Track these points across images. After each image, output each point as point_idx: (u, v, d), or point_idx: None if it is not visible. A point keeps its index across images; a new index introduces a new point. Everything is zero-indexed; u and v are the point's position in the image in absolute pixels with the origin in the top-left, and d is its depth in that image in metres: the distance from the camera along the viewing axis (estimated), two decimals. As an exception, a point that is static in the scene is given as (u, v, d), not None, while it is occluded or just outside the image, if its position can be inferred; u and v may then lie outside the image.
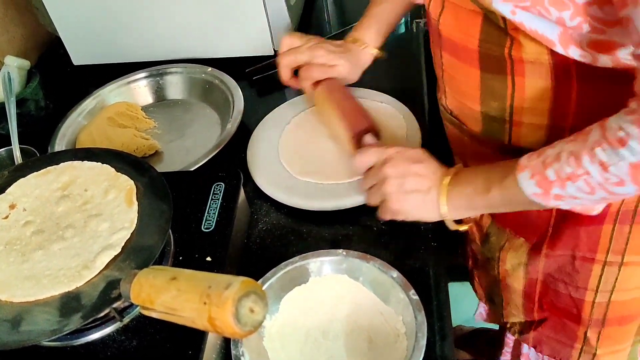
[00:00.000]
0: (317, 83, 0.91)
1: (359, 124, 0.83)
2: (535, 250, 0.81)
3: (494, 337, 1.43)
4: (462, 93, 0.74)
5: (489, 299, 0.98)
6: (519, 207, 0.68)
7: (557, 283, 0.81)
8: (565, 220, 0.75)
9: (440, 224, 0.80)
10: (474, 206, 0.70)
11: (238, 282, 0.47)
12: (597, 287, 0.79)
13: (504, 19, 0.60)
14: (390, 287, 0.70)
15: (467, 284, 1.66)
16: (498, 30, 0.63)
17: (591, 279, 0.78)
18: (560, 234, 0.76)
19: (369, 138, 0.81)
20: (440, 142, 0.90)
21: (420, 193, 0.71)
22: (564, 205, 0.63)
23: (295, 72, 0.94)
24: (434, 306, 0.72)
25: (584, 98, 0.63)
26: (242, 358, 0.64)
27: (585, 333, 0.84)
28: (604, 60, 0.58)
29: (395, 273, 0.70)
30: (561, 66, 0.62)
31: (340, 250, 0.73)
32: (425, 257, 0.77)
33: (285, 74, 0.94)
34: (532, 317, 0.89)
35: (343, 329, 0.71)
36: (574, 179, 0.58)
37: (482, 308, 1.06)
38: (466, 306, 1.66)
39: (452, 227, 0.74)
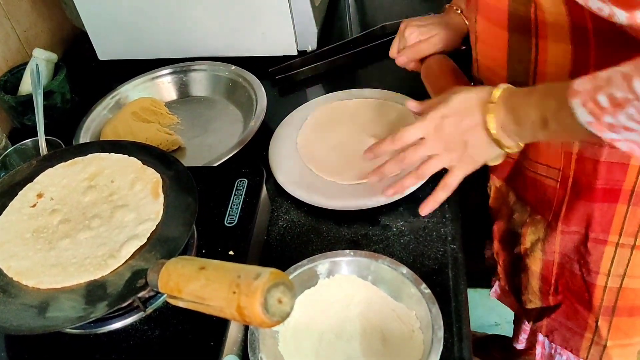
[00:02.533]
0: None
1: None
2: (551, 227, 0.82)
3: (507, 343, 1.42)
4: (491, 58, 0.75)
5: (508, 281, 0.99)
6: (579, 137, 0.66)
7: (572, 263, 0.82)
8: (579, 196, 0.75)
9: (458, 231, 0.81)
10: (535, 137, 0.66)
11: (267, 273, 0.48)
12: (609, 270, 0.79)
13: None
14: (400, 283, 0.70)
15: (482, 291, 1.66)
16: None
17: (603, 261, 0.79)
18: (575, 210, 0.77)
19: None
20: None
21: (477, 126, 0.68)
22: (620, 141, 0.56)
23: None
24: (452, 307, 0.72)
25: (602, 65, 0.60)
26: None
27: (596, 322, 0.85)
28: (620, 17, 0.53)
29: (404, 269, 0.70)
30: (579, 30, 0.62)
31: (347, 251, 0.74)
32: (444, 258, 0.77)
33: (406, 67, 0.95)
34: (548, 301, 0.89)
35: (356, 328, 0.71)
36: (625, 104, 0.52)
37: (497, 286, 1.07)
38: (480, 313, 1.67)
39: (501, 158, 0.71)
